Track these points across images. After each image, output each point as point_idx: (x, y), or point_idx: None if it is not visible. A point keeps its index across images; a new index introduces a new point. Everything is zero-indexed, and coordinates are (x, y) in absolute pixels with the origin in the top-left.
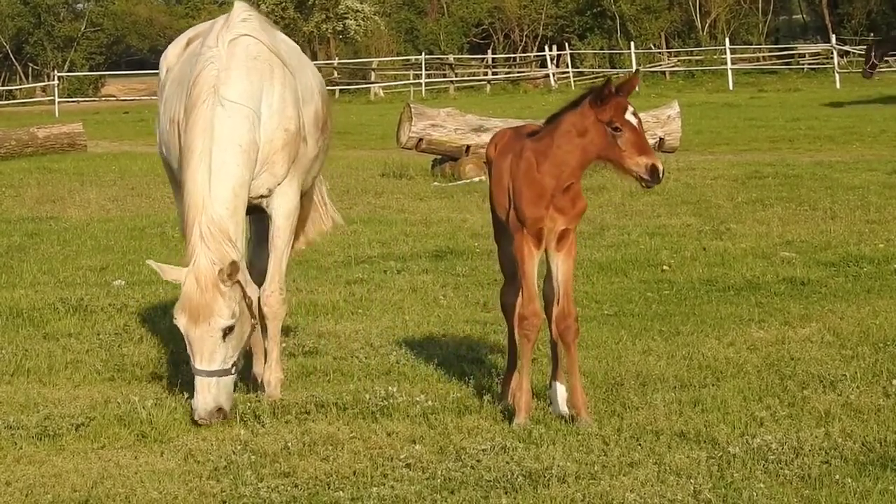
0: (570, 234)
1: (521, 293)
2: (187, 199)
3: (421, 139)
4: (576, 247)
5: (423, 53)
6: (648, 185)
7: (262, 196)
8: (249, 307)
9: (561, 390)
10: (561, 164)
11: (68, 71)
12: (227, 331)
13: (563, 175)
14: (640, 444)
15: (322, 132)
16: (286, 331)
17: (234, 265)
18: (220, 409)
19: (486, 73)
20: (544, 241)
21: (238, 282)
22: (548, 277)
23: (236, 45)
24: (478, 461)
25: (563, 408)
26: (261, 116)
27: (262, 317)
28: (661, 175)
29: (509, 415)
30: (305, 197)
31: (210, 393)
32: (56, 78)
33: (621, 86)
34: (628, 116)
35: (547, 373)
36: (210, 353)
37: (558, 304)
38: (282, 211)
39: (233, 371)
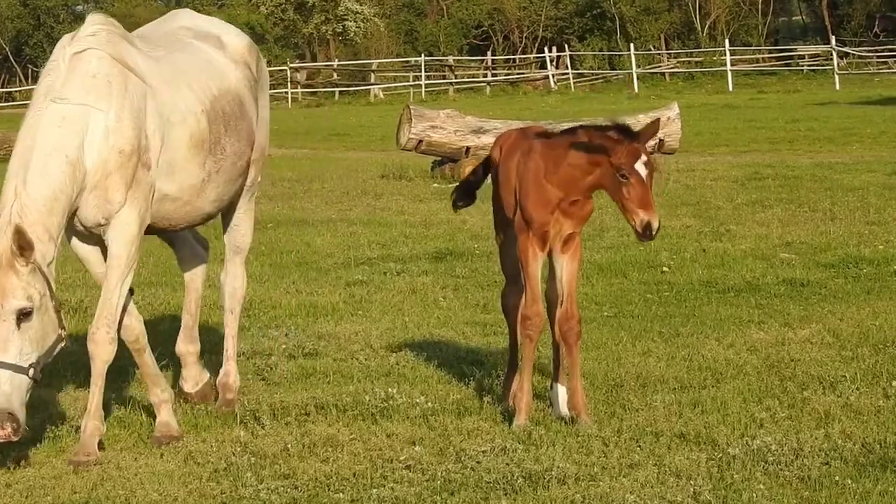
0: (576, 237)
1: (524, 294)
2: (3, 196)
3: (420, 141)
4: (581, 249)
5: (423, 55)
6: (640, 239)
7: (99, 224)
8: (58, 312)
9: (562, 392)
10: (570, 180)
11: None
12: (22, 317)
13: (570, 191)
14: (639, 446)
15: (211, 153)
16: (288, 332)
17: (23, 238)
18: (10, 415)
19: (485, 75)
20: (549, 243)
21: (44, 274)
22: (551, 279)
23: (79, 60)
24: (478, 463)
25: (564, 409)
26: (94, 134)
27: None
28: (654, 233)
29: (509, 416)
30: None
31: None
32: None
33: (642, 132)
34: (638, 166)
35: (548, 374)
36: (3, 340)
37: (562, 305)
38: (118, 241)
39: (30, 374)
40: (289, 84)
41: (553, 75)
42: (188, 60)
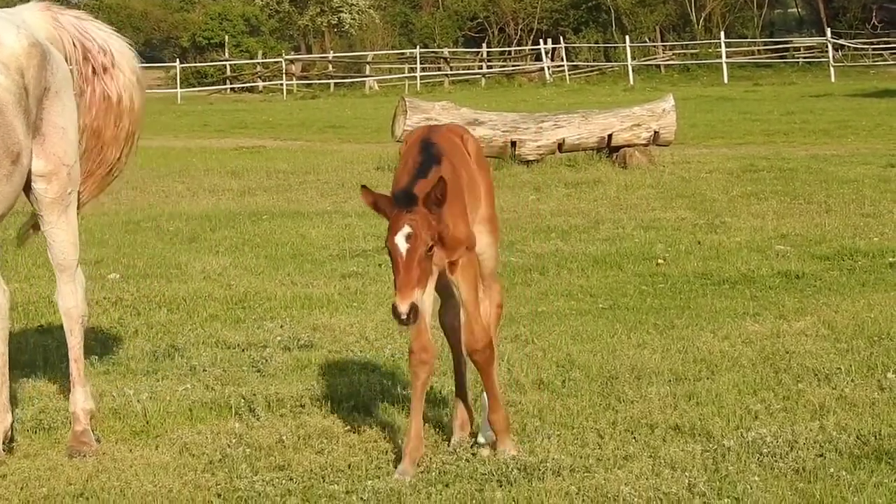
0: (461, 260)
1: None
2: None
3: (416, 131)
4: (474, 266)
5: (418, 47)
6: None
7: None
8: None
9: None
10: None
11: None
12: None
13: None
14: (634, 438)
15: (15, 164)
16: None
17: None
18: None
19: (480, 67)
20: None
21: None
22: (449, 305)
23: None
24: (472, 454)
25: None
26: None
27: None
28: (399, 318)
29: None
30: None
31: None
32: None
33: (427, 196)
34: (398, 239)
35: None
36: None
37: (466, 329)
38: None
39: None
40: (284, 76)
41: (548, 67)
42: None
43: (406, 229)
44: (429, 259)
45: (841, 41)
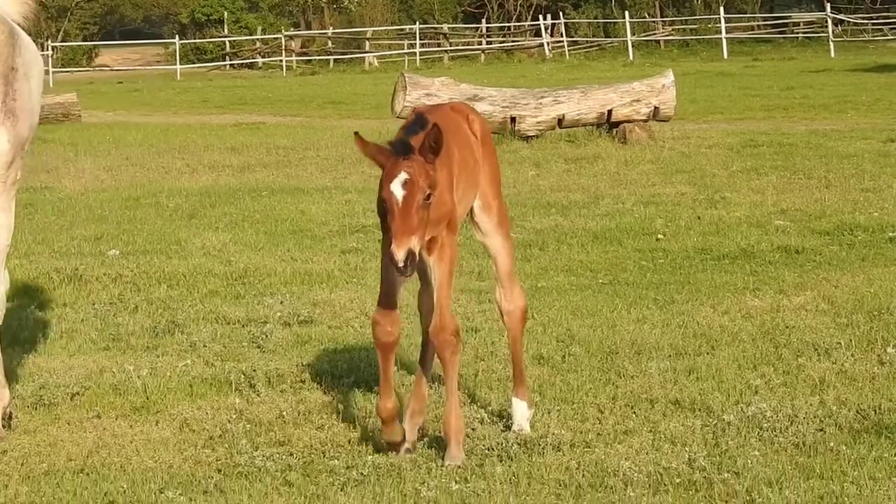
0: (439, 239)
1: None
2: None
3: (415, 109)
4: (451, 251)
5: (418, 23)
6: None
7: None
8: None
9: (518, 407)
10: None
11: (62, 41)
12: None
13: None
14: (634, 413)
15: None
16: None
17: None
18: None
19: (480, 43)
20: None
21: None
22: (425, 285)
23: None
24: (473, 430)
25: (523, 424)
26: None
27: None
28: (398, 265)
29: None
30: None
31: None
32: (50, 48)
33: (423, 145)
34: (393, 187)
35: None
36: None
37: (435, 313)
38: None
39: None
40: (283, 52)
41: (548, 43)
42: None
43: (403, 175)
44: (426, 209)
45: (840, 16)
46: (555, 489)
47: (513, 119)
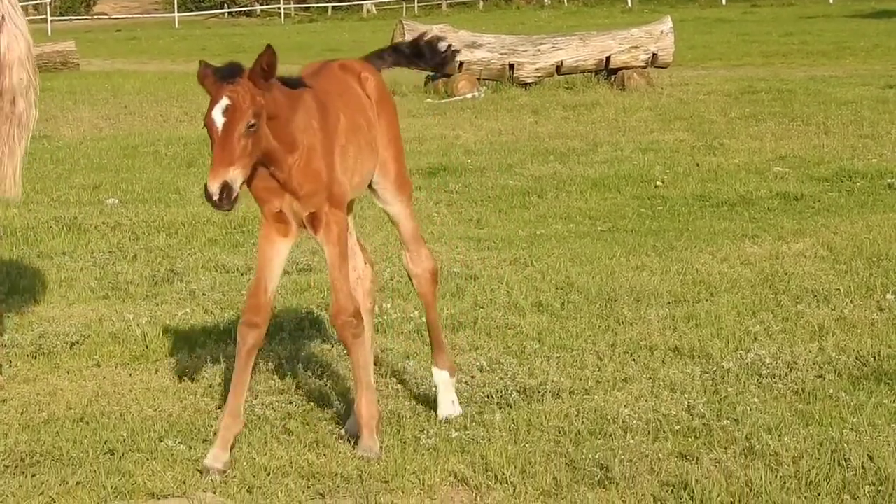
0: (322, 216)
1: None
2: None
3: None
4: (338, 229)
5: None
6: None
7: None
8: None
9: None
10: None
11: None
12: None
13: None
14: (633, 360)
15: None
16: None
17: None
18: None
19: None
20: (286, 224)
21: None
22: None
23: None
24: (472, 377)
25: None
26: None
27: None
28: (211, 198)
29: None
30: None
31: None
32: None
33: (254, 68)
34: (215, 113)
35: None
36: None
37: (331, 296)
38: None
39: None
40: (281, 0)
41: None
42: None
43: (224, 101)
44: (250, 137)
45: None
46: (554, 436)
47: (511, 66)
